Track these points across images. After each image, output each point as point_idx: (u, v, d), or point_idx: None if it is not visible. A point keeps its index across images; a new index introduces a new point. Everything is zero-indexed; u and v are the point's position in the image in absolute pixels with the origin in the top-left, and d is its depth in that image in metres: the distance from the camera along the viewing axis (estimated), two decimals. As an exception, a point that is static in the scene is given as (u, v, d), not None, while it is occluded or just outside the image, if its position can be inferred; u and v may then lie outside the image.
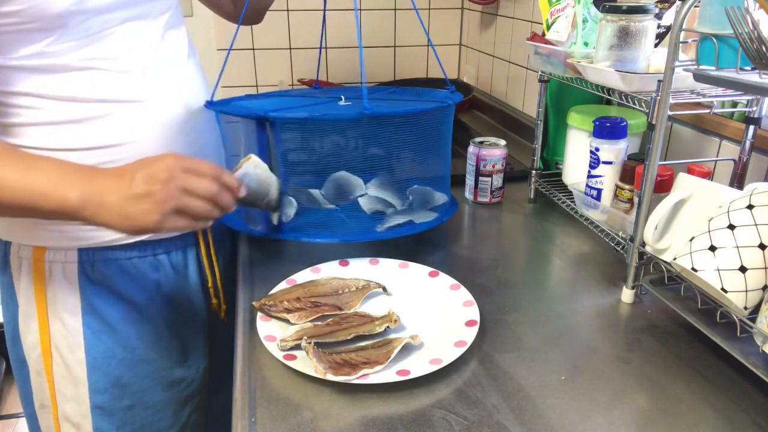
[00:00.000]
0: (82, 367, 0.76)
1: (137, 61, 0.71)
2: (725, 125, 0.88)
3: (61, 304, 0.74)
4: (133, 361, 0.79)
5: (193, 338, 0.86)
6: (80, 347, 0.76)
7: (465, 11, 1.90)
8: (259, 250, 0.90)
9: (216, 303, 0.90)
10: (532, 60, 1.03)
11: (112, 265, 0.76)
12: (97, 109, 0.69)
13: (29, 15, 0.61)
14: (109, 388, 0.78)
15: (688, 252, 0.65)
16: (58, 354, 0.76)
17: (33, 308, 0.75)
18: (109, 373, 0.77)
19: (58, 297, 0.74)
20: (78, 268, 0.74)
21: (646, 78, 0.75)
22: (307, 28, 1.80)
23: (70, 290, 0.74)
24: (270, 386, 0.61)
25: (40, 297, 0.74)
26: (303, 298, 0.73)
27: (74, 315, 0.75)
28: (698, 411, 0.58)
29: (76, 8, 0.62)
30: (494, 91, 1.74)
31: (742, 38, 0.56)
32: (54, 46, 0.64)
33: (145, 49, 0.72)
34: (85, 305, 0.75)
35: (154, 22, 0.73)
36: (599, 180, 0.90)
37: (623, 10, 0.77)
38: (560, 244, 0.94)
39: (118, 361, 0.78)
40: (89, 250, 0.74)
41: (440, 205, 0.93)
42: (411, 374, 0.60)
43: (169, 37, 0.76)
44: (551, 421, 0.56)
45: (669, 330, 0.70)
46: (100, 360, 0.77)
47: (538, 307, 0.75)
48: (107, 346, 0.77)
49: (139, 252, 0.77)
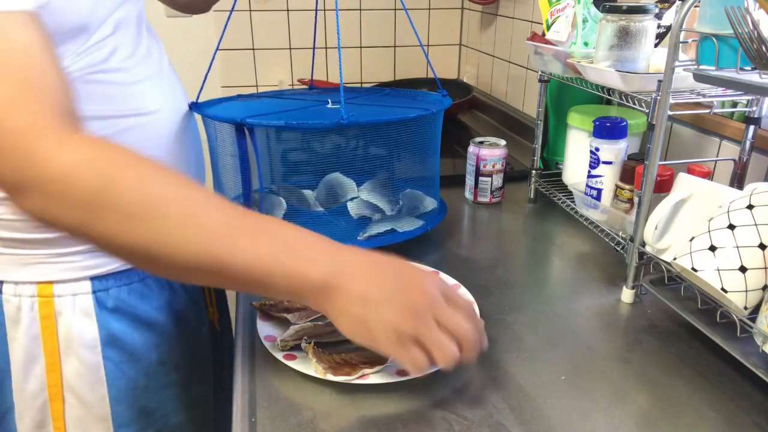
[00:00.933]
0: (104, 404, 0.71)
1: (128, 72, 0.67)
2: (725, 125, 0.88)
3: (76, 340, 0.68)
4: (157, 387, 0.75)
5: (202, 351, 0.84)
6: (102, 383, 0.70)
7: (465, 11, 1.90)
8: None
9: (212, 312, 0.89)
10: (532, 60, 1.03)
11: (124, 289, 0.70)
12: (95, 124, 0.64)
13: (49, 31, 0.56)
14: (134, 418, 0.73)
15: (688, 252, 0.65)
16: (72, 395, 0.69)
17: (39, 351, 0.67)
18: (133, 404, 0.73)
19: (72, 333, 0.67)
20: (93, 298, 0.68)
21: (646, 78, 0.75)
22: (307, 28, 1.80)
23: (86, 323, 0.68)
24: (270, 386, 0.61)
25: (49, 336, 0.67)
26: None
27: (92, 349, 0.69)
28: (698, 411, 0.58)
29: (90, 18, 0.59)
30: (494, 91, 1.74)
31: (742, 38, 0.56)
32: (66, 61, 0.60)
33: (131, 55, 0.68)
34: (103, 336, 0.69)
35: (135, 27, 0.70)
36: (599, 180, 0.90)
37: (623, 10, 0.77)
38: (560, 244, 0.94)
39: (141, 390, 0.73)
40: (102, 278, 0.68)
41: (428, 211, 0.92)
42: (411, 374, 0.60)
43: (148, 42, 0.73)
44: (551, 421, 0.56)
45: (669, 330, 0.70)
46: (123, 392, 0.72)
47: (538, 307, 0.75)
48: (129, 377, 0.72)
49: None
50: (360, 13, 1.83)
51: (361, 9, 1.83)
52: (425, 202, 0.93)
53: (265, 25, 1.77)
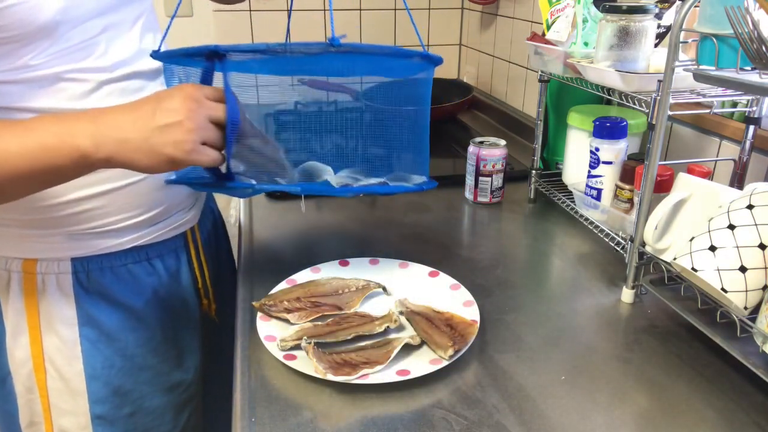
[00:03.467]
0: (80, 379, 0.74)
1: (120, 70, 0.69)
2: (725, 125, 0.88)
3: (56, 316, 0.72)
4: (132, 368, 0.77)
5: (188, 340, 0.86)
6: (78, 359, 0.74)
7: (465, 11, 1.90)
8: (259, 251, 0.90)
9: (206, 303, 0.89)
10: (532, 60, 1.03)
11: (107, 272, 0.74)
12: None
13: (13, 28, 0.58)
14: (109, 397, 0.76)
15: (688, 252, 0.65)
16: (53, 368, 0.73)
17: (23, 322, 0.72)
18: (109, 383, 0.76)
19: (52, 309, 0.72)
20: (72, 278, 0.72)
21: (646, 78, 0.75)
22: (307, 28, 1.80)
23: (65, 301, 0.72)
24: (270, 386, 0.61)
25: (32, 310, 0.72)
26: (303, 298, 0.73)
27: (71, 326, 0.73)
28: (698, 411, 0.58)
29: (61, 17, 0.60)
30: (494, 91, 1.74)
31: (742, 38, 0.56)
32: (37, 59, 0.61)
33: (125, 56, 0.70)
34: (81, 316, 0.73)
35: (132, 29, 0.71)
36: (599, 180, 0.90)
37: (623, 10, 0.77)
38: (560, 244, 0.94)
39: (117, 370, 0.76)
40: (83, 259, 0.72)
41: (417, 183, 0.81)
42: (411, 374, 0.60)
43: (147, 42, 0.74)
44: (551, 421, 0.56)
45: (669, 330, 0.70)
46: (99, 370, 0.75)
47: (538, 307, 0.75)
48: (106, 356, 0.75)
49: (133, 258, 0.76)
50: (360, 13, 1.83)
51: (361, 9, 1.83)
52: (413, 180, 0.81)
53: (265, 25, 1.77)
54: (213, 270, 0.91)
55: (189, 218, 0.82)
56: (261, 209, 1.05)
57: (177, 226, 0.80)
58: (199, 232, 0.87)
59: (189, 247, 0.84)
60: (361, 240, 0.92)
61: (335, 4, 1.81)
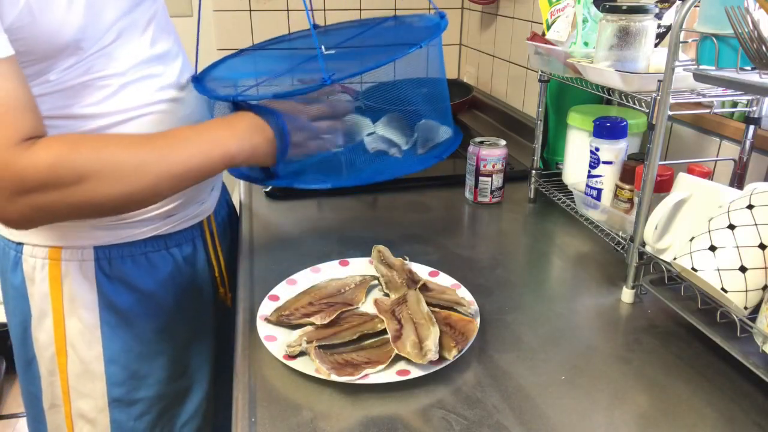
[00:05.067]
0: (99, 362, 0.77)
1: (135, 73, 0.70)
2: (725, 125, 0.88)
3: (79, 301, 0.75)
4: (149, 353, 0.80)
5: (203, 327, 0.88)
6: (98, 342, 0.77)
7: (465, 11, 1.90)
8: (259, 250, 0.90)
9: (223, 291, 0.92)
10: (532, 60, 1.03)
11: (127, 260, 0.77)
12: (105, 121, 0.68)
13: (39, 51, 0.60)
14: (126, 380, 0.79)
15: (688, 252, 0.65)
16: (73, 351, 0.77)
17: (48, 307, 0.75)
18: (127, 366, 0.79)
19: (75, 294, 0.75)
20: (95, 265, 0.75)
21: (646, 78, 0.75)
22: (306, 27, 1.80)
23: (87, 287, 0.75)
24: (270, 386, 0.61)
25: (56, 295, 0.75)
26: (315, 301, 0.73)
27: (92, 311, 0.76)
28: (698, 411, 0.58)
29: (82, 35, 0.62)
30: (494, 91, 1.74)
31: (742, 38, 0.56)
32: (63, 74, 0.64)
33: (140, 58, 0.71)
34: (102, 301, 0.76)
35: (145, 32, 0.72)
36: (599, 180, 0.90)
37: (623, 10, 0.77)
38: (560, 244, 0.94)
39: (135, 355, 0.79)
40: (105, 248, 0.75)
41: (442, 141, 0.90)
42: (411, 374, 0.60)
43: (160, 43, 0.75)
44: (551, 421, 0.56)
45: (669, 330, 0.71)
46: (117, 354, 0.78)
47: (538, 307, 0.75)
48: (125, 340, 0.78)
49: (152, 246, 0.79)
50: (360, 13, 1.83)
51: (361, 9, 1.83)
52: (441, 131, 0.91)
53: (265, 25, 1.77)
54: (227, 259, 0.94)
55: (205, 208, 0.85)
56: (261, 209, 1.05)
57: (194, 215, 0.83)
58: (215, 221, 0.89)
59: (205, 236, 0.87)
60: (361, 240, 0.92)
61: (336, 4, 1.82)
